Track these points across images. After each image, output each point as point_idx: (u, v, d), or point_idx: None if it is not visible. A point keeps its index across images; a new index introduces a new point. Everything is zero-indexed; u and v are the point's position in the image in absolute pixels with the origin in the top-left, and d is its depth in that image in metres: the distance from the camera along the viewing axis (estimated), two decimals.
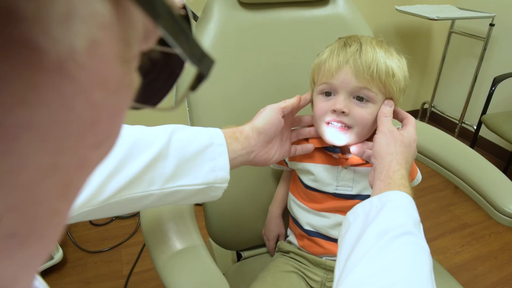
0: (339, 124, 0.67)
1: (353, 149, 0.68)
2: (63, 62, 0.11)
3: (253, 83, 0.86)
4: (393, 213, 0.50)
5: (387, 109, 0.66)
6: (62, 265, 1.47)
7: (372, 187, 0.60)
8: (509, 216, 0.76)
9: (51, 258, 1.40)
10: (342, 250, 0.51)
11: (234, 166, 0.62)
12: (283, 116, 0.67)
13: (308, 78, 0.75)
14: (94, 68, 0.12)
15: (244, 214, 0.88)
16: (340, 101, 0.66)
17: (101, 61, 0.12)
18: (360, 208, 0.54)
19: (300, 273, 0.78)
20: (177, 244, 0.63)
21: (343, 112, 0.65)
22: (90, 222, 1.70)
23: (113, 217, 1.73)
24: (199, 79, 0.19)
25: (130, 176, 0.51)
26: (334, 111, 0.66)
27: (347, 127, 0.67)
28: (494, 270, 1.56)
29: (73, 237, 1.60)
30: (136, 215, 1.74)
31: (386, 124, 0.64)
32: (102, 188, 0.49)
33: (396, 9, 2.06)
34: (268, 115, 0.65)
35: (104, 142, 0.14)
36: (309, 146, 0.75)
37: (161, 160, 0.54)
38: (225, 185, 0.60)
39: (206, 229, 0.87)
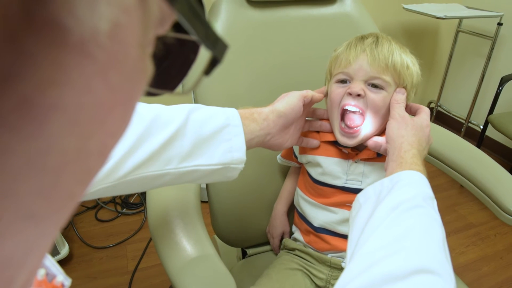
0: (355, 108, 0.68)
1: (369, 143, 0.69)
2: (86, 42, 0.11)
3: (260, 81, 0.86)
4: (403, 189, 0.51)
5: (399, 96, 0.67)
6: (68, 260, 1.49)
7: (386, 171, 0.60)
8: None
9: (58, 253, 1.41)
10: (354, 229, 0.51)
11: (251, 146, 0.62)
12: (303, 105, 0.68)
13: (315, 75, 0.76)
14: (114, 50, 0.12)
15: (250, 212, 0.88)
16: (356, 85, 0.68)
17: (120, 44, 0.12)
18: (371, 189, 0.55)
19: (305, 270, 0.79)
20: (184, 242, 0.63)
21: (358, 95, 0.67)
22: (96, 218, 1.71)
23: (119, 213, 1.74)
24: (213, 63, 0.19)
25: (147, 153, 0.51)
26: (350, 94, 0.68)
27: (361, 112, 0.68)
28: (499, 271, 1.55)
29: (79, 233, 1.62)
30: (141, 211, 1.76)
31: (398, 110, 0.65)
32: (120, 164, 0.49)
33: (403, 8, 2.05)
34: (291, 100, 0.66)
35: (119, 129, 0.15)
36: (315, 142, 0.77)
37: (178, 139, 0.54)
38: (241, 166, 0.60)
39: (212, 226, 0.88)
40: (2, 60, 0.10)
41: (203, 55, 0.20)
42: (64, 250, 1.44)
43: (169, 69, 0.20)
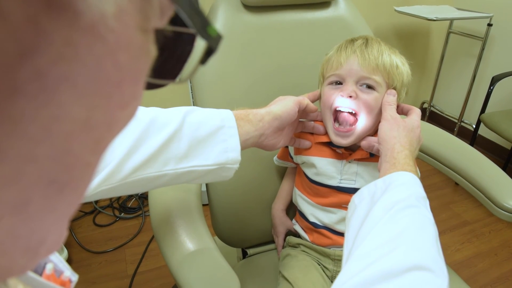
0: (347, 109, 0.70)
1: (363, 143, 0.71)
2: (96, 24, 0.13)
3: (257, 84, 0.88)
4: (396, 190, 0.53)
5: (390, 98, 0.69)
6: None
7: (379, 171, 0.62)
8: (508, 211, 0.77)
9: None
10: (350, 229, 0.53)
11: (246, 147, 0.64)
12: (298, 110, 0.70)
13: (311, 78, 0.77)
14: (120, 32, 0.14)
15: (250, 212, 0.90)
16: (347, 87, 0.70)
17: (126, 27, 0.14)
18: (365, 190, 0.57)
19: (316, 264, 0.80)
20: (187, 241, 0.64)
21: (350, 97, 0.69)
22: (94, 223, 1.71)
23: (117, 218, 1.74)
24: (209, 53, 0.20)
25: (146, 155, 0.53)
26: (342, 95, 0.70)
27: (354, 113, 0.70)
28: (494, 267, 1.58)
29: (78, 238, 1.62)
30: (139, 215, 1.76)
31: (389, 111, 0.67)
32: (120, 166, 0.51)
33: (395, 10, 2.08)
34: (288, 105, 0.68)
35: (129, 104, 0.16)
36: (307, 142, 0.79)
37: (175, 140, 0.56)
38: (236, 166, 0.62)
39: (212, 227, 0.89)
40: (22, 37, 0.11)
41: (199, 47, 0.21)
42: (63, 255, 1.44)
43: (168, 60, 0.22)
